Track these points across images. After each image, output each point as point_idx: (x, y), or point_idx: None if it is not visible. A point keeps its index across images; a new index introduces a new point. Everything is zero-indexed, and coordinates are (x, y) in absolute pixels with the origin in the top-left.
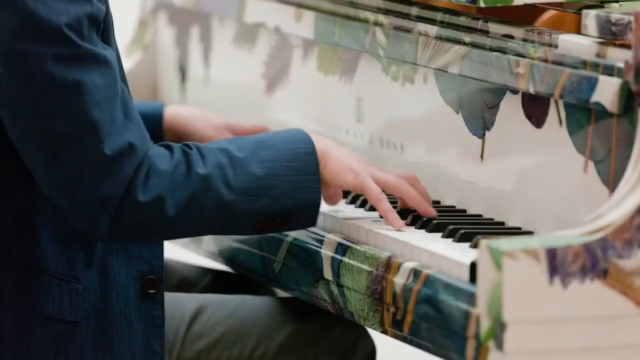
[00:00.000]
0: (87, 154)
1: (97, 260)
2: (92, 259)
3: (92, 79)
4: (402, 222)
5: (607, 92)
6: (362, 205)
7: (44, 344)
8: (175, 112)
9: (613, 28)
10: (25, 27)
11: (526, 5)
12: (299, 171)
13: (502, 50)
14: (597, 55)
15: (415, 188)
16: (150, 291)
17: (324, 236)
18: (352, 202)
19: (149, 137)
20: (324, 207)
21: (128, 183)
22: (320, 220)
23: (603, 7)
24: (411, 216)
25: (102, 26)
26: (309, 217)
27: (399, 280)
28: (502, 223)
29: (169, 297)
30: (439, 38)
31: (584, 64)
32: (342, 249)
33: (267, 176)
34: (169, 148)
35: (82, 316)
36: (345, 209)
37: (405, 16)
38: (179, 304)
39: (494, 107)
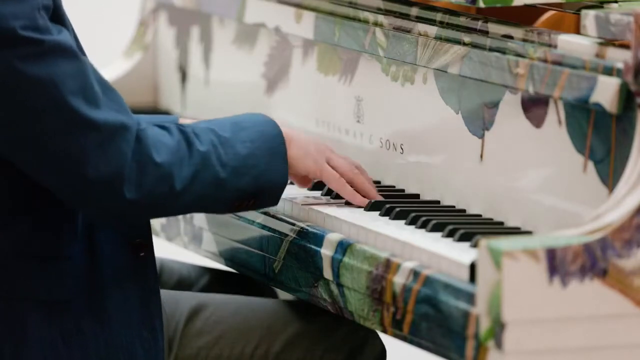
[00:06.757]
0: (80, 143)
1: (81, 235)
2: (76, 235)
3: (62, 69)
4: (363, 199)
5: (606, 92)
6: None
7: (39, 327)
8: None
9: (612, 28)
10: None
11: (526, 6)
12: (271, 152)
13: (502, 51)
14: (597, 55)
15: (361, 174)
16: (140, 254)
17: (324, 236)
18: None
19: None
20: (327, 208)
21: (131, 157)
22: (320, 219)
23: (602, 7)
24: (412, 215)
25: (53, 6)
26: (276, 197)
27: (399, 280)
28: (502, 223)
29: (169, 294)
30: (438, 38)
31: (584, 64)
32: (342, 248)
33: (249, 156)
34: (163, 127)
35: (73, 293)
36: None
37: (405, 16)
38: (179, 302)
39: (494, 107)
